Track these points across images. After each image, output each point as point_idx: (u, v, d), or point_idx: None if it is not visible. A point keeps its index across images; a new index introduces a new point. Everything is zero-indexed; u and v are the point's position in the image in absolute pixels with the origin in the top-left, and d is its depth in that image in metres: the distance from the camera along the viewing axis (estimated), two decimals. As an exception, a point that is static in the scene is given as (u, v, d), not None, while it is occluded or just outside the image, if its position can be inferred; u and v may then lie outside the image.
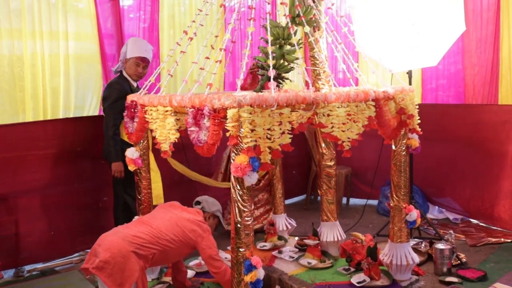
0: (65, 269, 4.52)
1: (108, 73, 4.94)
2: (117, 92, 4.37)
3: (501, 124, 5.07)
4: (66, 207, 4.63)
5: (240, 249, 2.86)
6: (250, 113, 2.71)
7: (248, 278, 2.82)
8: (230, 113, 2.72)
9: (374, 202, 6.15)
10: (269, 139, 2.82)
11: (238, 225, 2.84)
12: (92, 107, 4.95)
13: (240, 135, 2.73)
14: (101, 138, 4.46)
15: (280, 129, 2.87)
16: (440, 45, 4.35)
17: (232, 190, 2.84)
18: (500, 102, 5.22)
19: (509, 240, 4.80)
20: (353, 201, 6.41)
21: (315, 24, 3.96)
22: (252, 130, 2.73)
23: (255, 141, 2.75)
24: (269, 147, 2.83)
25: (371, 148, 5.48)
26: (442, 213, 5.73)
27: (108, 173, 4.47)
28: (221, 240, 4.87)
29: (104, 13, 4.91)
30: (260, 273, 2.86)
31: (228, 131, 2.76)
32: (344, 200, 6.38)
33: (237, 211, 2.84)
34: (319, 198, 6.35)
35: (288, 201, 6.08)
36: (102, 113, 4.69)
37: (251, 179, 2.76)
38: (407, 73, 4.59)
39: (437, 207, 5.82)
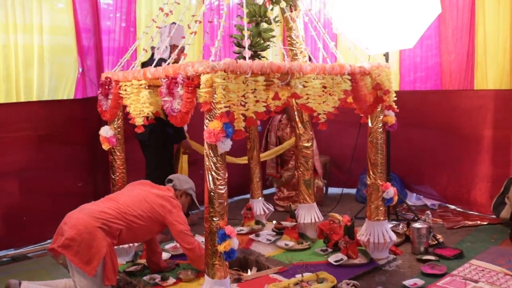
0: (38, 255, 4.41)
1: (84, 63, 4.84)
2: None
3: (477, 109, 5.11)
4: (39, 192, 4.52)
5: (214, 219, 2.81)
6: (224, 79, 2.68)
7: (221, 248, 2.78)
8: (203, 78, 2.69)
9: (353, 190, 6.15)
10: (243, 106, 2.79)
11: (212, 194, 2.80)
12: (66, 93, 4.84)
13: (214, 101, 2.69)
14: (76, 122, 4.38)
15: (255, 97, 2.84)
16: (416, 28, 4.36)
17: (206, 157, 2.79)
18: (476, 88, 5.25)
19: (485, 223, 4.82)
20: (332, 190, 6.39)
21: (291, 3, 3.96)
22: (225, 96, 2.70)
23: (229, 107, 2.71)
24: (243, 115, 2.79)
25: (350, 137, 5.51)
26: (420, 200, 5.75)
27: (83, 157, 4.38)
28: (198, 227, 4.83)
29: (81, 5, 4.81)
30: (234, 243, 2.81)
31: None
32: (324, 188, 6.34)
33: (210, 179, 2.79)
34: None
35: (267, 191, 6.04)
36: (76, 97, 4.65)
37: (225, 145, 2.73)
38: (384, 55, 4.60)
39: (415, 194, 5.84)
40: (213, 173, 2.78)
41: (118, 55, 4.96)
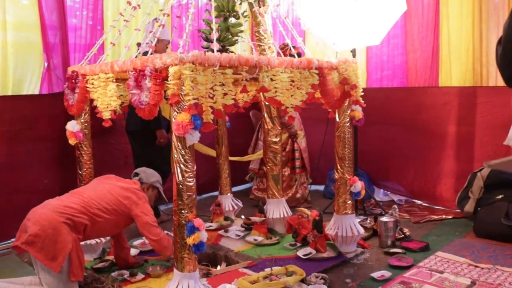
0: (2, 254, 4.31)
1: (51, 60, 4.75)
2: None
3: (442, 105, 5.22)
4: (2, 189, 4.42)
5: (183, 211, 2.80)
6: (192, 71, 2.67)
7: (190, 240, 2.77)
8: (171, 70, 2.68)
9: (321, 187, 6.21)
10: (212, 98, 2.79)
11: (180, 186, 2.79)
12: (31, 88, 4.75)
13: (182, 93, 2.68)
14: (43, 118, 4.29)
15: (223, 90, 2.84)
16: (383, 25, 4.44)
17: (174, 150, 2.78)
18: (441, 85, 5.36)
19: (450, 217, 4.93)
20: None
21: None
22: (194, 88, 2.69)
23: (197, 99, 2.71)
24: (212, 107, 2.79)
25: (317, 133, 5.56)
26: (387, 196, 5.84)
27: (49, 153, 4.30)
28: (168, 224, 4.81)
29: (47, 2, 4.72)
30: (203, 235, 2.81)
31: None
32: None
33: (179, 172, 2.78)
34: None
35: (236, 188, 6.05)
36: (42, 93, 4.56)
37: (193, 137, 2.72)
38: (351, 51, 4.66)
39: (382, 190, 5.93)
40: (181, 165, 2.77)
41: (85, 52, 4.89)
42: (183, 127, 2.65)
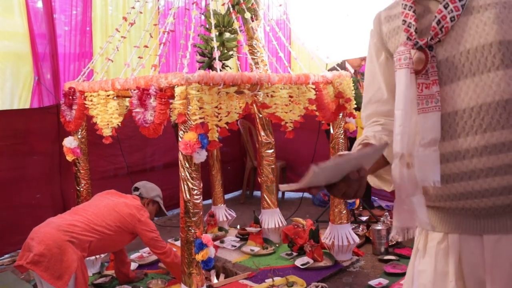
0: (-3, 271, 4.28)
1: (40, 68, 4.73)
2: None
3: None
4: (-5, 205, 4.40)
5: (190, 228, 2.85)
6: (198, 91, 2.72)
7: (199, 257, 2.82)
8: (178, 90, 2.73)
9: (309, 195, 6.29)
10: (217, 117, 2.85)
11: (188, 204, 2.83)
12: (22, 102, 4.72)
13: (188, 112, 2.73)
14: (33, 133, 4.25)
15: (227, 107, 2.90)
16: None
17: (181, 168, 2.83)
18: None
19: (438, 222, 5.05)
20: (289, 194, 6.52)
21: (253, 14, 4.04)
22: (200, 108, 2.74)
23: (203, 118, 2.76)
24: (217, 125, 2.85)
25: (306, 142, 5.64)
26: (375, 202, 5.95)
27: (41, 168, 4.28)
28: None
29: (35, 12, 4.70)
30: (211, 251, 2.86)
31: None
32: (280, 193, 6.46)
33: (186, 190, 2.83)
34: (255, 193, 6.50)
35: (226, 196, 6.09)
36: (32, 107, 4.54)
37: (200, 156, 2.77)
38: (341, 63, 4.76)
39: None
40: (188, 183, 2.82)
41: (74, 62, 4.89)
42: (191, 146, 2.70)
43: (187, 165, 2.80)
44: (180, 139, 2.77)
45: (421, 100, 1.31)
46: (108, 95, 3.31)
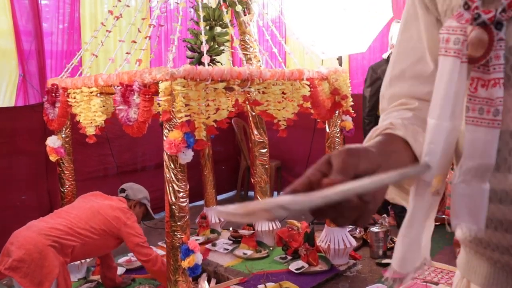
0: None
1: (25, 66, 4.55)
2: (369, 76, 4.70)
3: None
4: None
5: (176, 233, 2.68)
6: (184, 86, 2.56)
7: (185, 264, 2.66)
8: (162, 86, 2.56)
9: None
10: (204, 114, 2.68)
11: (173, 207, 2.67)
12: (6, 99, 4.55)
13: (173, 109, 2.56)
14: (19, 132, 4.09)
15: (215, 104, 2.74)
16: (368, 31, 4.39)
17: (166, 169, 2.66)
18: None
19: (437, 223, 4.90)
20: (284, 195, 6.35)
21: (245, 6, 3.88)
22: (186, 105, 2.58)
23: (189, 116, 2.59)
24: (204, 123, 2.69)
25: (301, 141, 5.48)
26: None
27: (27, 168, 4.12)
28: (150, 237, 4.65)
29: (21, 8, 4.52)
30: (198, 258, 2.70)
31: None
32: (275, 194, 6.30)
33: (171, 192, 2.67)
34: (249, 193, 6.34)
35: (218, 197, 5.93)
36: (17, 105, 4.37)
37: (186, 156, 2.61)
38: (337, 59, 4.60)
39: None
40: (174, 185, 2.66)
41: (61, 59, 4.72)
42: (176, 145, 2.54)
43: (172, 165, 2.63)
44: (165, 138, 2.61)
45: (473, 105, 0.81)
46: (91, 92, 3.14)
